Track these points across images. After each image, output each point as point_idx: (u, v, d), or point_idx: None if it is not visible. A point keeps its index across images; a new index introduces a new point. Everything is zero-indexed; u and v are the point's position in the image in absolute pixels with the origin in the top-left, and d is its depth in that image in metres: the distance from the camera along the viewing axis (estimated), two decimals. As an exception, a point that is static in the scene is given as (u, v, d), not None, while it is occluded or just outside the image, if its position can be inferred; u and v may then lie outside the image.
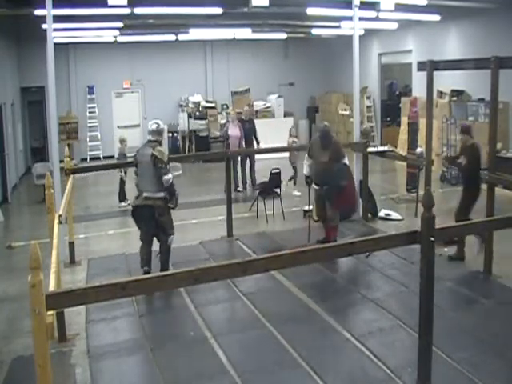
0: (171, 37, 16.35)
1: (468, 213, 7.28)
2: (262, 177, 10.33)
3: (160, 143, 6.82)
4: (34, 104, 17.42)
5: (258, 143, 12.58)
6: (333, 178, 7.69)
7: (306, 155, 8.15)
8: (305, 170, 8.20)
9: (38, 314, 3.04)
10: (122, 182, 11.57)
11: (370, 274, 7.16)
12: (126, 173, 11.32)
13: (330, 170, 7.71)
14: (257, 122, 16.07)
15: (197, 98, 18.19)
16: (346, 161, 7.90)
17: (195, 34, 15.79)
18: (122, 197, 11.52)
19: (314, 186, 8.03)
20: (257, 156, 12.70)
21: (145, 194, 6.62)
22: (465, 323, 5.48)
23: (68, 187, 7.34)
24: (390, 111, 18.06)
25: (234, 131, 12.37)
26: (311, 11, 12.22)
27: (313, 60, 19.99)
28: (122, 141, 11.87)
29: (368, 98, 17.82)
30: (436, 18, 13.29)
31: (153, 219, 6.62)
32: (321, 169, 7.84)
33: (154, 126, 6.76)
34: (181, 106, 18.39)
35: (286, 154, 12.05)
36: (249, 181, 12.52)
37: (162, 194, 6.61)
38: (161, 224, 6.69)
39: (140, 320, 5.89)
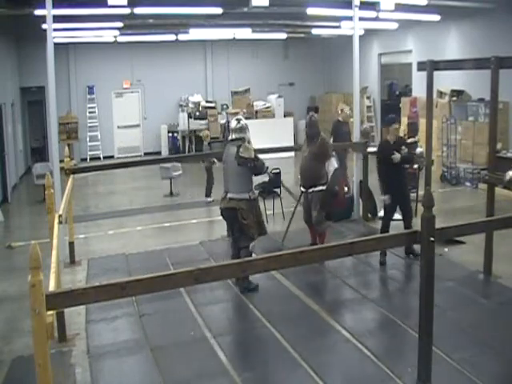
0: (171, 37, 16.36)
1: None
2: (262, 176, 10.33)
3: (245, 140, 6.41)
4: (34, 104, 17.44)
5: None
6: (330, 187, 7.35)
7: None
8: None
9: (37, 314, 3.04)
10: (210, 177, 11.49)
11: (369, 274, 7.16)
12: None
13: (314, 171, 7.33)
14: (257, 121, 16.18)
15: (197, 98, 18.21)
16: (335, 164, 7.46)
17: (195, 33, 15.79)
18: (208, 192, 11.44)
19: (300, 187, 7.68)
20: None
21: (229, 195, 6.37)
22: (465, 323, 5.48)
23: (68, 187, 7.33)
24: (390, 111, 18.05)
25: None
26: (311, 11, 12.23)
27: (313, 60, 20.01)
28: (206, 136, 12.59)
29: (368, 98, 17.83)
30: (436, 18, 13.29)
31: (236, 221, 6.35)
32: (304, 167, 7.49)
33: (234, 124, 6.50)
34: (181, 105, 18.41)
35: (286, 154, 12.02)
36: None
37: (246, 196, 6.32)
38: (244, 227, 6.34)
39: (140, 320, 5.89)
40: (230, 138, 6.55)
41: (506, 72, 6.48)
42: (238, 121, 6.54)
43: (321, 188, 7.34)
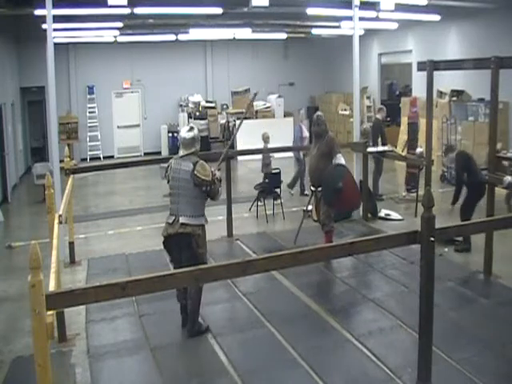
0: (171, 37, 16.37)
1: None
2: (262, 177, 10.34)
3: (197, 154, 5.46)
4: (34, 104, 17.44)
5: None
6: (327, 180, 7.29)
7: None
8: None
9: (37, 314, 3.04)
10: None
11: (369, 274, 7.16)
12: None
13: (323, 169, 7.32)
14: (257, 122, 16.19)
15: (197, 98, 18.22)
16: (342, 160, 7.38)
17: (195, 33, 15.80)
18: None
19: (310, 187, 7.78)
20: (256, 156, 12.61)
21: (182, 220, 5.28)
22: (465, 323, 5.48)
23: (68, 187, 7.34)
24: (390, 111, 18.02)
25: (306, 132, 11.72)
26: (311, 11, 12.24)
27: (313, 60, 20.01)
28: (267, 138, 11.14)
29: (368, 98, 17.82)
30: (436, 18, 13.30)
31: (189, 249, 5.32)
32: (313, 167, 7.52)
33: (189, 134, 5.36)
34: (181, 105, 18.42)
35: (286, 154, 11.97)
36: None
37: (202, 221, 5.41)
38: (198, 256, 5.31)
39: (140, 320, 5.89)
40: (180, 153, 5.41)
41: (506, 72, 6.48)
42: (191, 128, 5.46)
43: None
